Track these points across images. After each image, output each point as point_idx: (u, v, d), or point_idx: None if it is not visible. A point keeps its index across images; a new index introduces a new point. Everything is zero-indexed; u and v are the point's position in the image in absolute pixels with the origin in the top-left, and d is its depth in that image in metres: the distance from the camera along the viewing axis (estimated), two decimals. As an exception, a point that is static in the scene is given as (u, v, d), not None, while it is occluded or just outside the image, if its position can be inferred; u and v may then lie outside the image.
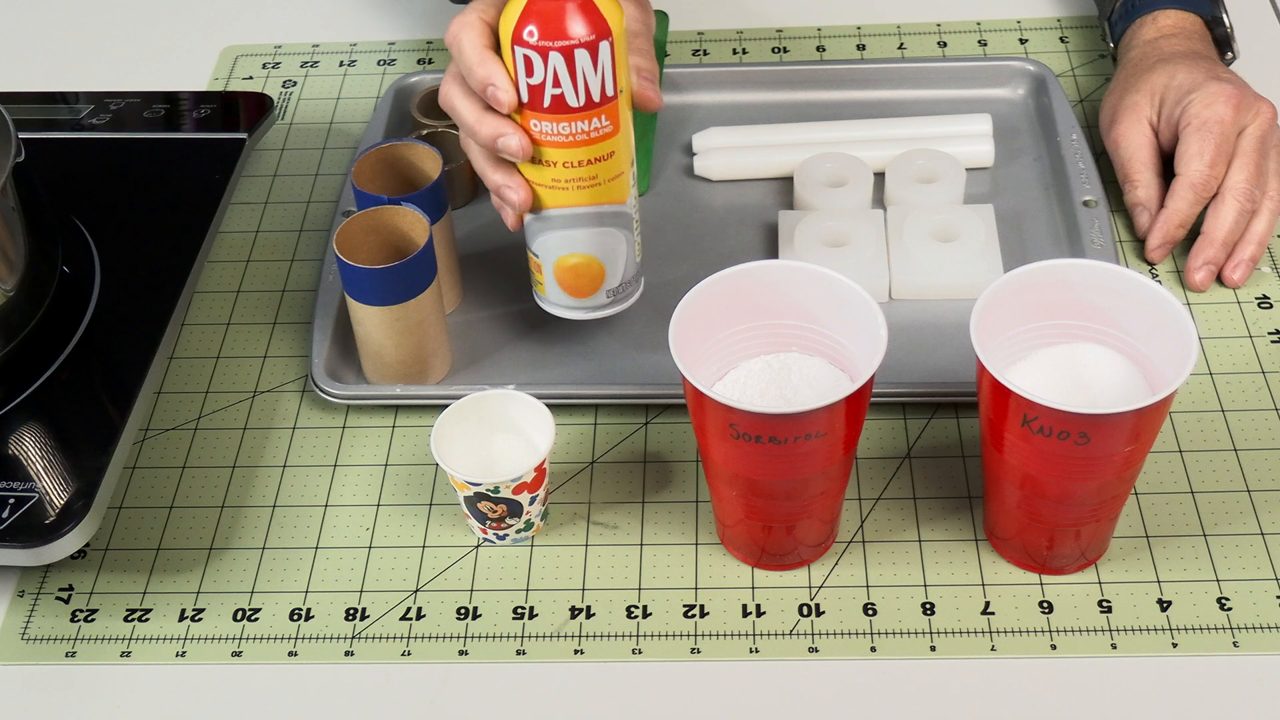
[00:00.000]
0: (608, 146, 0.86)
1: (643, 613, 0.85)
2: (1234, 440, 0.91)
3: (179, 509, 0.92)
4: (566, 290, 0.92)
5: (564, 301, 0.93)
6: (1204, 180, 0.98)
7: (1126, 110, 1.03)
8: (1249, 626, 0.82)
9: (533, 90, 0.84)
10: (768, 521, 0.83)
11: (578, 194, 0.88)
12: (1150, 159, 1.02)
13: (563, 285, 0.92)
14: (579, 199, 0.88)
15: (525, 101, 0.84)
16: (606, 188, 0.88)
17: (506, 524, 0.87)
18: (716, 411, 0.78)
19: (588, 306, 0.92)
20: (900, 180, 1.04)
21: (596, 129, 0.85)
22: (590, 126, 0.85)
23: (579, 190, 0.88)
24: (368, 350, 0.95)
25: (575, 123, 0.85)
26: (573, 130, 0.85)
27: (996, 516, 0.85)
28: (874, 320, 0.80)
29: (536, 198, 0.88)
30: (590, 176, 0.87)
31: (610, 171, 0.87)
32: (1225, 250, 0.99)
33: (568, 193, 0.88)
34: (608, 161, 0.87)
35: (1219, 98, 0.99)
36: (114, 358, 0.95)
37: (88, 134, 1.11)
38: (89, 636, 0.86)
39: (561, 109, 0.84)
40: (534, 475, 0.85)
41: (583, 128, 0.85)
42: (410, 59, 1.24)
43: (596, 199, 0.88)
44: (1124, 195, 1.03)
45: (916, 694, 0.81)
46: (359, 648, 0.84)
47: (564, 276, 0.91)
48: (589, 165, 0.86)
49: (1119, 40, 1.11)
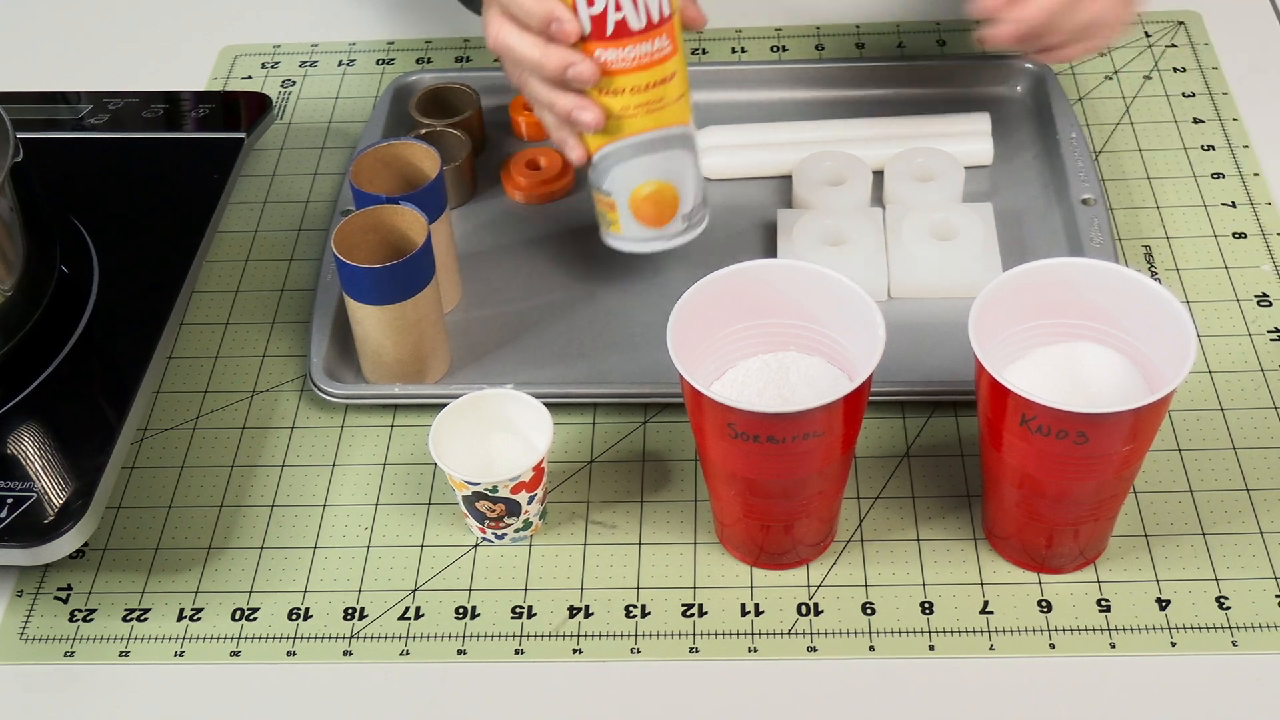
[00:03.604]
0: (670, 67, 0.89)
1: (641, 612, 0.85)
2: (1233, 439, 0.91)
3: (177, 509, 0.92)
4: (643, 221, 0.93)
5: (641, 235, 0.94)
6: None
7: None
8: (1248, 625, 0.82)
9: (595, 20, 0.86)
10: (766, 521, 0.83)
11: (646, 119, 0.89)
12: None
13: (639, 217, 0.93)
14: (647, 124, 0.89)
15: (588, 33, 0.87)
16: (673, 109, 0.90)
17: (505, 523, 0.87)
18: (715, 411, 0.78)
19: (665, 235, 0.94)
20: (899, 179, 1.04)
21: (659, 49, 0.88)
22: (654, 48, 0.87)
23: (647, 115, 0.89)
24: (366, 349, 0.95)
25: (639, 45, 0.87)
26: (638, 53, 0.87)
27: (995, 515, 0.85)
28: (872, 319, 0.80)
29: (606, 130, 0.90)
30: (657, 99, 0.88)
31: (675, 93, 0.89)
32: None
33: (637, 119, 0.89)
34: (671, 83, 0.89)
35: None
36: (112, 357, 0.95)
37: (86, 134, 1.11)
38: (87, 636, 0.86)
39: (625, 33, 0.86)
40: (532, 475, 0.85)
41: (646, 49, 0.87)
42: (409, 58, 1.23)
43: (664, 122, 0.90)
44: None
45: (915, 693, 0.81)
46: (357, 647, 0.84)
47: (640, 207, 0.92)
48: (655, 88, 0.88)
49: None
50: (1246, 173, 1.08)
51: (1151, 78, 1.16)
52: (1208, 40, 1.19)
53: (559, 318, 1.00)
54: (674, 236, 0.94)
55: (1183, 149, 1.10)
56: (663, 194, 0.92)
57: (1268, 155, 1.09)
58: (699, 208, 0.94)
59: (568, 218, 1.07)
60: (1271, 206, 1.05)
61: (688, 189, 0.93)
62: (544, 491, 0.87)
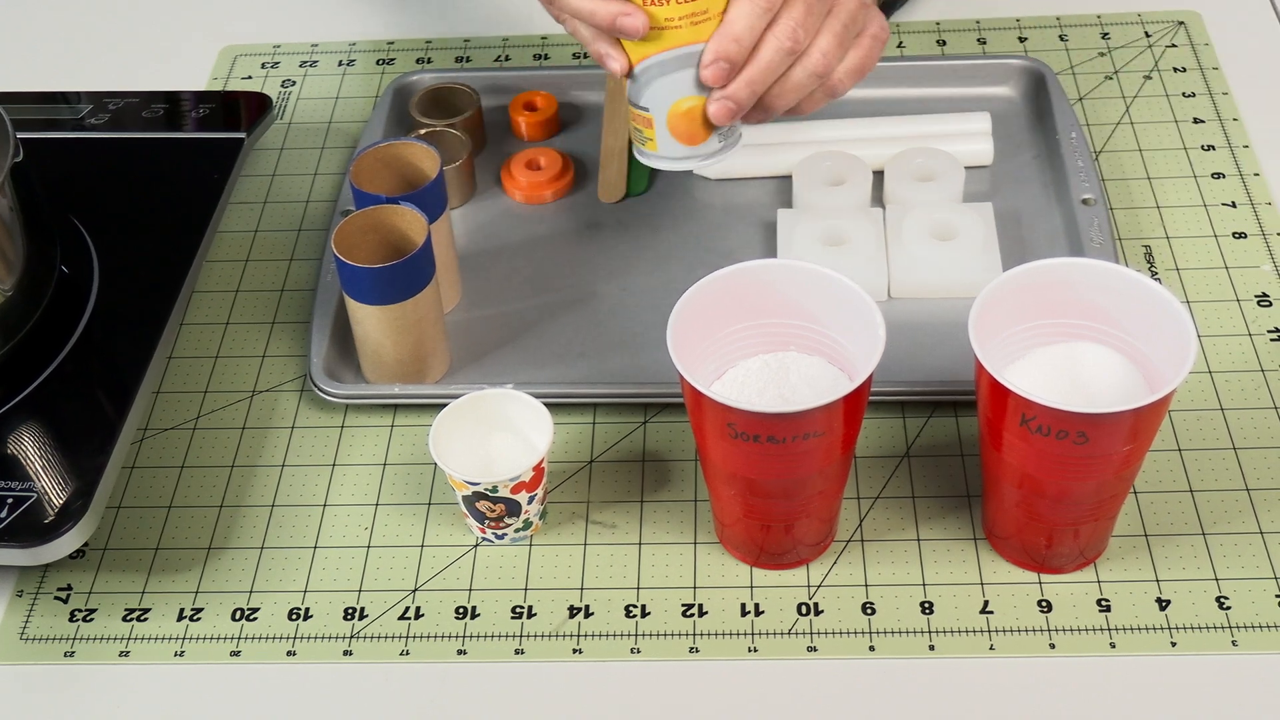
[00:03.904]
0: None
1: (641, 612, 0.85)
2: (1233, 439, 0.91)
3: (177, 509, 0.92)
4: (680, 138, 0.91)
5: (677, 152, 0.92)
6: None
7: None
8: (1248, 625, 0.82)
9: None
10: (766, 521, 0.83)
11: (689, 31, 0.87)
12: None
13: (675, 133, 0.91)
14: (689, 37, 0.88)
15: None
16: (714, 22, 0.88)
17: (505, 523, 0.87)
18: (715, 411, 0.78)
19: (701, 154, 0.92)
20: (899, 179, 1.04)
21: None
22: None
23: (691, 27, 0.87)
24: (366, 349, 0.95)
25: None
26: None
27: (995, 515, 0.85)
28: (872, 319, 0.80)
29: (648, 39, 0.88)
30: (702, 11, 0.87)
31: (717, 5, 0.87)
32: (743, 54, 0.87)
33: (680, 31, 0.87)
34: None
35: None
36: (112, 357, 0.95)
37: (87, 134, 1.11)
38: (87, 636, 0.86)
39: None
40: (532, 475, 0.85)
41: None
42: (409, 58, 1.23)
43: (705, 35, 0.88)
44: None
45: (915, 693, 0.81)
46: (357, 647, 0.84)
47: (677, 123, 0.91)
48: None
49: None
50: (1246, 173, 1.08)
51: (1151, 78, 1.16)
52: (1208, 40, 1.19)
53: (559, 318, 1.00)
54: (710, 155, 0.92)
55: (1183, 149, 1.10)
56: (701, 110, 0.90)
57: (1268, 155, 1.09)
58: (734, 126, 0.92)
59: (568, 218, 1.07)
60: (1271, 206, 1.05)
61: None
62: (544, 491, 0.87)
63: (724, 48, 0.87)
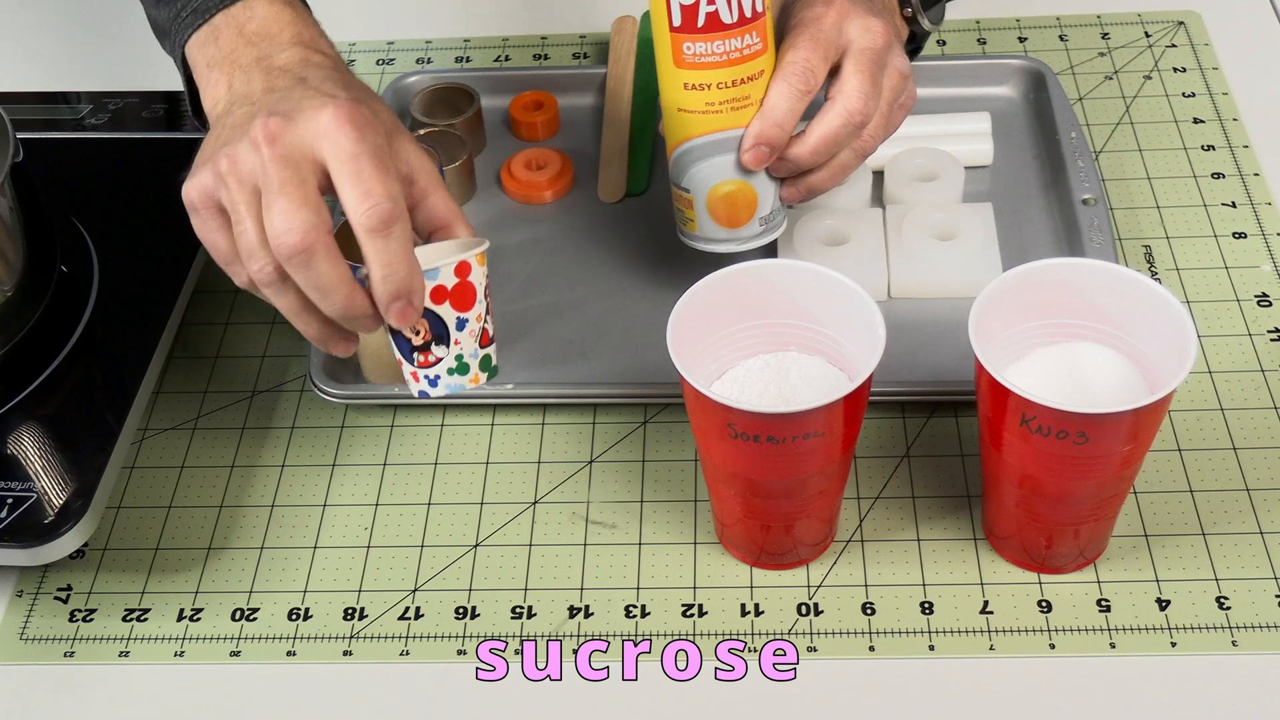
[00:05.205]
0: (759, 65, 0.86)
1: (641, 612, 0.85)
2: (1233, 439, 0.91)
3: (177, 509, 0.92)
4: (720, 221, 0.91)
5: (717, 235, 0.92)
6: (802, 71, 0.86)
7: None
8: (1248, 625, 0.82)
9: (686, 11, 0.84)
10: (766, 521, 0.83)
11: (731, 116, 0.87)
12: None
13: (715, 216, 0.91)
14: (731, 122, 0.88)
15: (678, 25, 0.85)
16: (754, 108, 0.88)
17: (433, 356, 0.79)
18: (715, 411, 0.78)
19: (741, 237, 0.92)
20: (899, 179, 1.04)
21: (749, 45, 0.85)
22: (743, 44, 0.85)
23: (732, 113, 0.87)
24: (366, 349, 0.95)
25: (729, 40, 0.85)
26: (727, 49, 0.85)
27: (995, 516, 0.85)
28: (872, 319, 0.80)
29: (687, 126, 0.88)
30: (744, 97, 0.87)
31: (761, 91, 0.87)
32: (784, 138, 0.88)
33: (721, 116, 0.87)
34: (758, 80, 0.87)
35: (819, 2, 0.88)
36: (112, 357, 0.95)
37: (87, 134, 1.11)
38: (87, 636, 0.86)
39: (716, 26, 0.84)
40: (455, 283, 0.77)
41: (736, 45, 0.85)
42: (409, 58, 1.23)
43: (744, 121, 0.88)
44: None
45: (915, 693, 0.81)
46: (357, 647, 0.84)
47: (717, 206, 0.91)
48: (742, 85, 0.86)
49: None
50: (1246, 173, 1.08)
51: (1151, 78, 1.16)
52: (1208, 40, 1.19)
53: (559, 318, 1.00)
54: (750, 239, 0.92)
55: (1183, 149, 1.10)
56: (742, 194, 0.90)
57: (1268, 155, 1.09)
58: (776, 211, 0.92)
59: (568, 218, 1.07)
60: (1271, 206, 1.05)
61: (767, 191, 0.91)
62: (483, 329, 0.80)
63: (765, 131, 0.87)
